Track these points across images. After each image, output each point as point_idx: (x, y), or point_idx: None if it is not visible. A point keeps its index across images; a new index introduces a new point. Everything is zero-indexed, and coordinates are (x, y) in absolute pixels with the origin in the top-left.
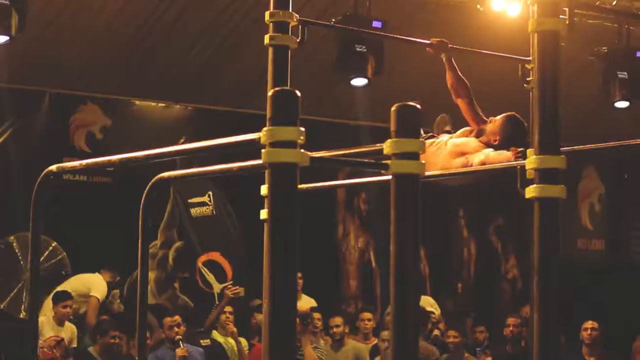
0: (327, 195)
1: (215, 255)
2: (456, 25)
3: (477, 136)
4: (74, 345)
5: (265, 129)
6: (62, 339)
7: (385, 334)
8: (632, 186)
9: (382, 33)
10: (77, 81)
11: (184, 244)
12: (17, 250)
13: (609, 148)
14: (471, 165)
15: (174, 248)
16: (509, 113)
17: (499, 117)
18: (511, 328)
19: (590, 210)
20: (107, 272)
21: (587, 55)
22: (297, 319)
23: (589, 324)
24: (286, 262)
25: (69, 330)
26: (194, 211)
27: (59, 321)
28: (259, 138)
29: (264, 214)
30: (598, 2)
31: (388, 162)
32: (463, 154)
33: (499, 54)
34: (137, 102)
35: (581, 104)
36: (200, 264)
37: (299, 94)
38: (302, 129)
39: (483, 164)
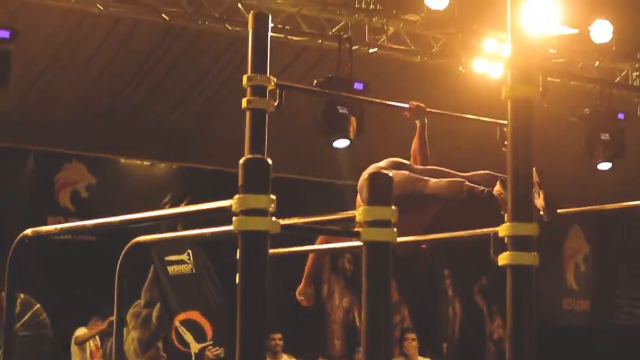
0: None
1: (195, 315)
2: (438, 86)
3: None
4: None
5: (236, 196)
6: None
7: None
8: (617, 246)
9: (361, 96)
10: (62, 140)
11: (162, 302)
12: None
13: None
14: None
15: (157, 307)
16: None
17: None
18: None
19: (576, 270)
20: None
21: (571, 116)
22: None
23: None
24: (255, 327)
25: None
26: (172, 269)
27: None
28: (231, 206)
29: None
30: (580, 64)
31: (360, 229)
32: None
33: (476, 117)
34: (122, 160)
35: (566, 165)
36: (177, 322)
37: (270, 162)
38: (273, 196)
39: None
